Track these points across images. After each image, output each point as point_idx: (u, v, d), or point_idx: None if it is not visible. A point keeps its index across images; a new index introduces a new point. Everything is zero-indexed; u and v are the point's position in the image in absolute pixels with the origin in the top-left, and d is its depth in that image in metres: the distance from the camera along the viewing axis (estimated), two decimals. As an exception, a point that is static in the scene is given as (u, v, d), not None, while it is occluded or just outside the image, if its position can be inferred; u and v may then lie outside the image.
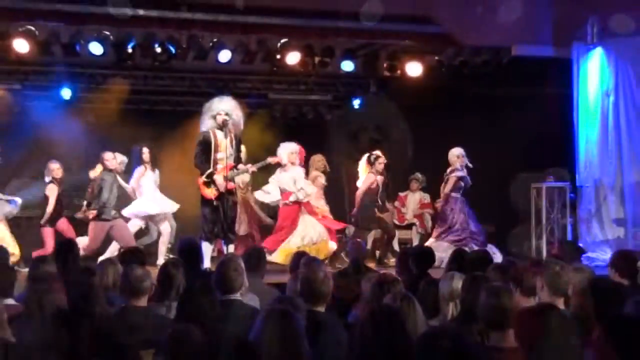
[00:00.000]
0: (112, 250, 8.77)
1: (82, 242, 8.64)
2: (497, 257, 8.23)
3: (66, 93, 11.20)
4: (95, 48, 9.26)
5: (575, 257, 6.62)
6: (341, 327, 4.07)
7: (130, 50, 9.48)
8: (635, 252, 5.50)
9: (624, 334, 2.12)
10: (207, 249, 8.00)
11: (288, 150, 9.10)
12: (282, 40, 9.75)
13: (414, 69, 10.40)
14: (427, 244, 9.34)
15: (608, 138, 9.87)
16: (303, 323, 2.91)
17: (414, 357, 2.38)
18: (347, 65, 10.41)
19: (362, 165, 9.68)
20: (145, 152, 9.27)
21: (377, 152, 9.64)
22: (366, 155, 9.70)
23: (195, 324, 3.18)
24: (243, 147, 8.78)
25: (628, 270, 4.86)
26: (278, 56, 9.93)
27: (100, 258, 7.65)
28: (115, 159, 8.98)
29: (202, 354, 2.45)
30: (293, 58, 9.87)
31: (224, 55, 9.70)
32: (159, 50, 9.45)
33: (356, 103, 12.48)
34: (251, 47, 9.78)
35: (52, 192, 9.09)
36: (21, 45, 9.03)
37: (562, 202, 10.12)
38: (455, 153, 9.54)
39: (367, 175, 9.55)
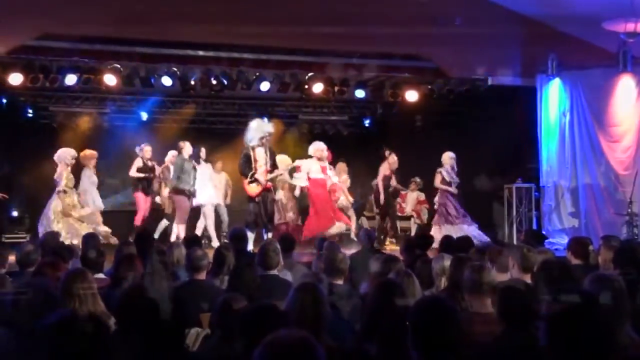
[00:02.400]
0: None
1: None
2: (484, 238, 8.38)
3: (144, 115, 11.32)
4: (166, 80, 9.36)
5: (539, 242, 6.49)
6: (355, 297, 4.05)
7: (192, 82, 9.55)
8: (587, 238, 5.39)
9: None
10: (251, 236, 8.00)
11: (316, 147, 8.88)
12: (309, 74, 9.78)
13: (411, 95, 10.35)
14: (446, 231, 8.72)
15: (565, 148, 9.75)
16: (325, 293, 2.88)
17: (412, 319, 2.35)
18: (360, 93, 10.39)
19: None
20: (203, 151, 9.37)
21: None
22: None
23: (242, 293, 3.18)
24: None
25: (581, 253, 4.77)
26: (306, 86, 9.95)
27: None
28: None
29: (246, 316, 2.44)
30: (318, 87, 9.89)
31: (264, 86, 9.77)
32: (214, 82, 9.51)
33: (367, 122, 12.46)
34: (285, 79, 9.79)
35: (137, 163, 9.31)
36: (110, 79, 9.15)
37: (529, 199, 10.01)
38: (449, 155, 9.47)
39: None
